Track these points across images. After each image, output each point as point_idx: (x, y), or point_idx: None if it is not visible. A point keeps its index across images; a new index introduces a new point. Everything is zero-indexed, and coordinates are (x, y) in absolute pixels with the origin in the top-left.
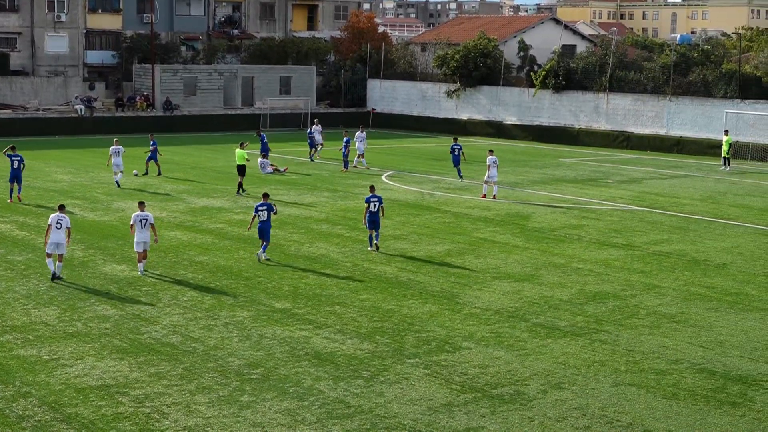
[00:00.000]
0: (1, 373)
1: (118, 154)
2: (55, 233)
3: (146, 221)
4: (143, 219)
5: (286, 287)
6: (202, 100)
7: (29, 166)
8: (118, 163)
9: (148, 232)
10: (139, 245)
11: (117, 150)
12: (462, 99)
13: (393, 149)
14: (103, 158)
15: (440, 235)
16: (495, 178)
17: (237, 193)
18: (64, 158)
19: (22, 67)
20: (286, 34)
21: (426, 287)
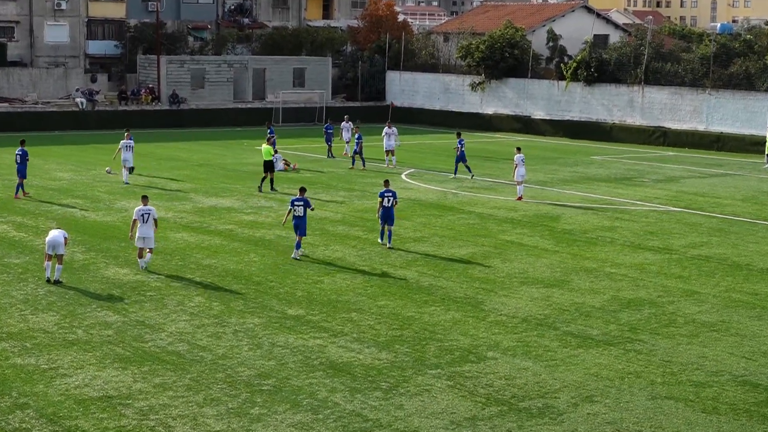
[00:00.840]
0: None
1: (129, 149)
2: (142, 227)
3: (149, 215)
4: (146, 213)
5: (299, 292)
6: (211, 93)
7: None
8: (127, 158)
9: (150, 228)
10: (140, 240)
11: (128, 144)
12: (487, 92)
13: (413, 146)
14: (107, 154)
15: (464, 237)
16: (523, 177)
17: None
18: (65, 155)
19: (20, 57)
20: (300, 23)
21: (449, 293)
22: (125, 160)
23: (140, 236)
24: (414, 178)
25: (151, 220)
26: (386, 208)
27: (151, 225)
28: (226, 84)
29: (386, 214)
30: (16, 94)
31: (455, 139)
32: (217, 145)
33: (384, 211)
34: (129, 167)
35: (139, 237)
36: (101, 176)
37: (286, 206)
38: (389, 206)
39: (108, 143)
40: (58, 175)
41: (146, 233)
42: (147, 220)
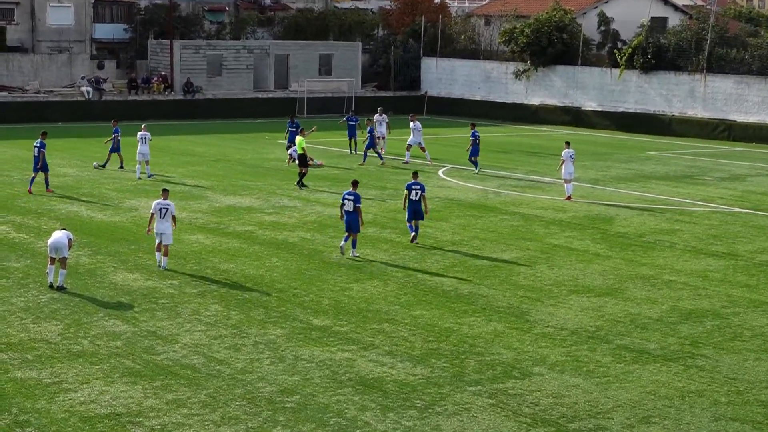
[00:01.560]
0: None
1: (145, 141)
2: (159, 222)
3: (167, 210)
4: (164, 208)
5: (326, 301)
6: (229, 81)
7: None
8: (144, 151)
9: (168, 223)
10: (158, 236)
11: (144, 136)
12: (533, 81)
13: (451, 140)
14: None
15: (507, 240)
16: (572, 175)
17: (299, 185)
18: (69, 148)
19: (20, 42)
20: (326, 5)
21: (490, 302)
22: (141, 154)
23: (158, 232)
24: (452, 175)
25: (170, 215)
26: (413, 202)
27: (169, 220)
28: (246, 71)
29: (413, 208)
30: (16, 83)
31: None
32: (235, 138)
33: (411, 205)
34: (146, 161)
35: (156, 233)
36: (109, 173)
37: (310, 206)
38: (416, 200)
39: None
40: (62, 171)
41: (164, 229)
42: (165, 215)
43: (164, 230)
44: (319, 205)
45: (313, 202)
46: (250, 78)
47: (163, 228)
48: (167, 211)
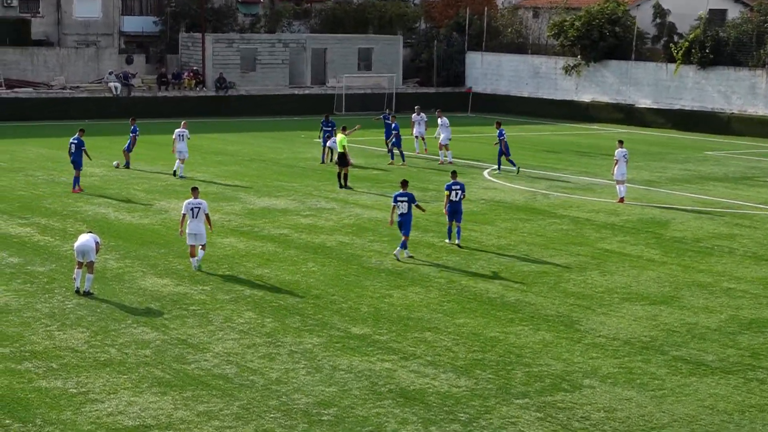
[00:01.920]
0: (19, 408)
1: (183, 139)
2: (192, 222)
3: (199, 209)
4: (196, 207)
5: (365, 308)
6: (263, 76)
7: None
8: (182, 149)
9: (201, 223)
10: (191, 237)
11: (182, 134)
12: (584, 76)
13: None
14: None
15: (556, 245)
16: (625, 176)
17: (340, 187)
18: (96, 147)
19: (45, 36)
20: None
21: (538, 310)
22: (179, 152)
23: (191, 232)
24: (498, 176)
25: (202, 214)
26: (454, 203)
27: (202, 219)
28: (281, 66)
29: (454, 209)
30: (41, 78)
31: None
32: (270, 137)
33: (451, 206)
34: (182, 159)
35: (189, 233)
36: (137, 172)
37: (348, 208)
38: (457, 200)
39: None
40: (89, 170)
41: (197, 229)
42: (197, 215)
43: (198, 230)
44: (358, 207)
45: (351, 204)
46: (285, 73)
47: (196, 228)
48: (200, 210)
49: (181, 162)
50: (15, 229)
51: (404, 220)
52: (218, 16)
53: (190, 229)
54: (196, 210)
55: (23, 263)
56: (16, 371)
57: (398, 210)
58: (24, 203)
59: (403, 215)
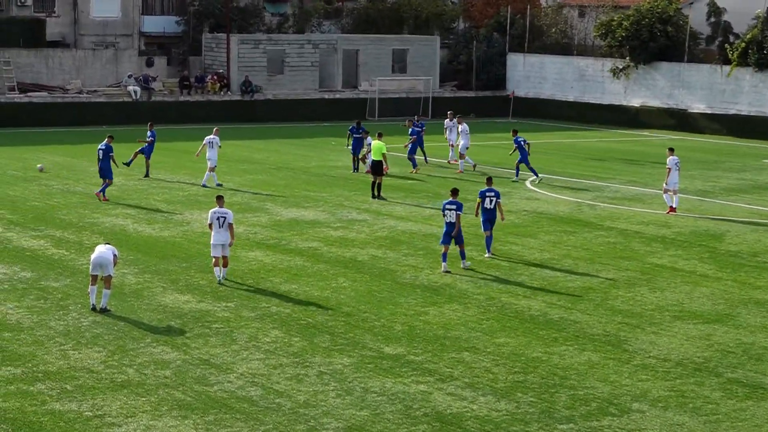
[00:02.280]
0: None
1: (214, 146)
2: (217, 232)
3: (225, 219)
4: (222, 217)
5: (398, 326)
6: (292, 80)
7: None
8: (212, 157)
9: (227, 233)
10: (216, 248)
11: (213, 141)
12: (633, 79)
13: (540, 146)
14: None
15: (603, 259)
16: (677, 185)
17: (373, 197)
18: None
19: (61, 36)
20: None
21: (584, 329)
22: (210, 159)
23: (216, 243)
24: (541, 185)
25: (227, 224)
26: (488, 210)
27: (227, 229)
28: (310, 69)
29: (488, 217)
30: (56, 81)
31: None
32: (298, 144)
33: (485, 214)
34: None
35: (214, 244)
36: (158, 182)
37: (381, 220)
38: (491, 207)
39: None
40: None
41: (223, 239)
42: (223, 224)
43: (224, 241)
44: (392, 219)
45: (384, 216)
46: (315, 76)
47: (222, 238)
48: (225, 220)
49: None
50: (28, 241)
51: (452, 230)
52: (244, 15)
53: (215, 239)
54: (221, 219)
55: (36, 278)
56: (28, 393)
57: (445, 219)
58: (38, 214)
59: (451, 225)
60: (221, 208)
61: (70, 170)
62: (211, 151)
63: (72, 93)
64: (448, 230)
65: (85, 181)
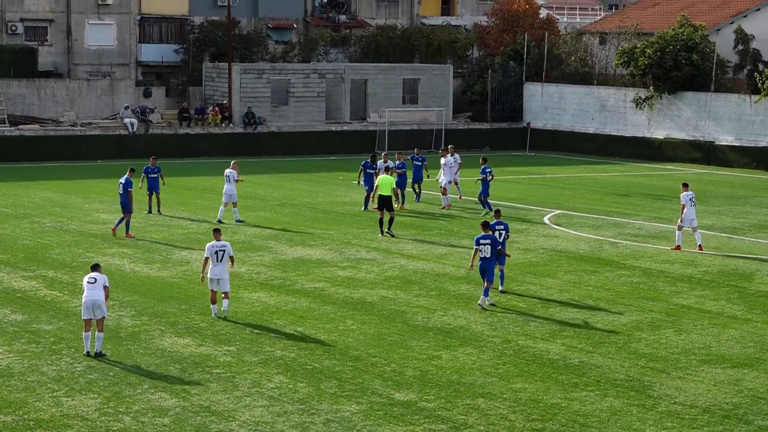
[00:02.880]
0: None
1: (230, 180)
2: (215, 266)
3: (223, 253)
4: (220, 250)
5: (410, 371)
6: (297, 111)
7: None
8: (230, 192)
9: (225, 267)
10: (213, 282)
11: (230, 175)
12: (657, 110)
13: (558, 180)
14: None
15: (626, 300)
16: (694, 222)
17: (382, 233)
18: (110, 191)
19: (54, 66)
20: (412, 21)
21: (605, 373)
22: (227, 194)
23: (213, 278)
24: (560, 222)
25: (227, 257)
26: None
27: (227, 264)
28: (317, 100)
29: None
30: (48, 113)
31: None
32: (304, 179)
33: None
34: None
35: (211, 279)
36: (156, 219)
37: (391, 259)
38: (500, 241)
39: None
40: (101, 217)
41: (221, 274)
42: (222, 258)
43: (221, 275)
44: (402, 258)
45: (394, 254)
46: (321, 107)
47: (220, 273)
48: (224, 254)
49: (231, 205)
50: (19, 282)
51: (487, 266)
52: (246, 43)
53: (212, 274)
54: (220, 253)
55: (28, 321)
56: None
57: (480, 254)
58: (29, 254)
59: (486, 259)
60: (219, 241)
61: (64, 207)
62: (228, 185)
63: (65, 125)
64: (483, 266)
65: (79, 218)
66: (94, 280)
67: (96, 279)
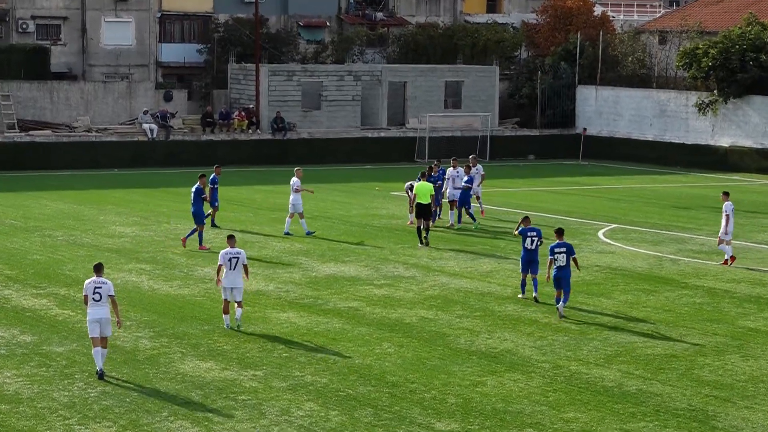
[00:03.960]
0: None
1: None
2: (229, 274)
3: (237, 260)
4: (234, 257)
5: (452, 399)
6: (330, 116)
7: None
8: (295, 202)
9: (240, 275)
10: (226, 291)
11: (293, 183)
12: (721, 115)
13: (614, 191)
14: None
15: (687, 322)
16: (729, 236)
17: (421, 244)
18: (127, 202)
19: (68, 67)
20: (454, 19)
21: (665, 402)
22: (293, 205)
23: (227, 286)
24: (616, 237)
25: (240, 265)
26: (529, 251)
27: (241, 272)
28: (351, 104)
29: (529, 258)
30: (62, 118)
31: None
32: (337, 189)
33: (527, 255)
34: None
35: (225, 287)
36: (177, 231)
37: (432, 276)
38: (533, 248)
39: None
40: (118, 230)
41: (234, 282)
42: (235, 266)
43: (235, 284)
44: (444, 275)
45: (435, 272)
46: (356, 112)
47: (233, 281)
48: (237, 261)
49: (292, 217)
50: (28, 300)
51: (563, 276)
52: (276, 43)
53: (226, 282)
54: (234, 261)
55: (38, 342)
56: None
57: (555, 263)
58: (39, 269)
59: (562, 269)
60: (233, 248)
61: (77, 219)
62: (295, 194)
63: (80, 131)
64: (558, 275)
65: (94, 231)
66: (99, 297)
67: (101, 295)
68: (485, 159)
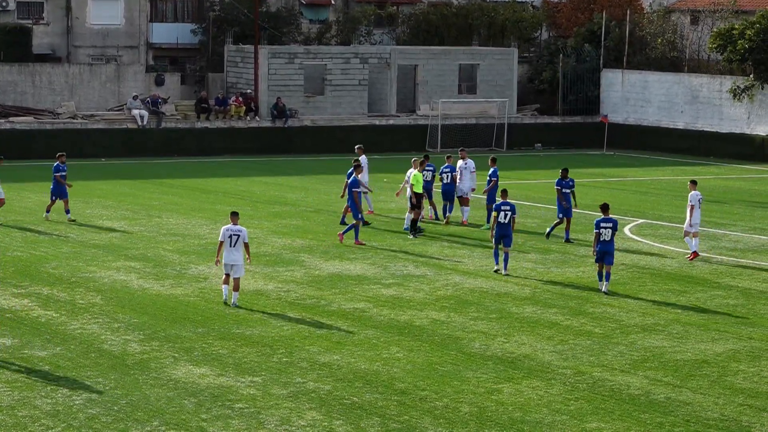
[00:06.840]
0: None
1: None
2: (229, 252)
3: (238, 238)
4: (235, 234)
5: (465, 407)
6: (334, 102)
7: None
8: None
9: (240, 253)
10: (227, 267)
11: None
12: (758, 102)
13: (641, 184)
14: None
15: (720, 325)
16: (696, 227)
17: (413, 235)
18: (115, 194)
19: (51, 49)
20: None
21: (696, 412)
22: None
23: (227, 263)
24: (643, 233)
25: (241, 243)
26: (502, 225)
27: (241, 249)
28: (357, 89)
29: (502, 232)
30: (44, 104)
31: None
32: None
33: (500, 229)
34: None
35: (225, 263)
36: (169, 228)
37: (444, 275)
38: (506, 222)
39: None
40: (106, 224)
41: (235, 259)
42: (235, 243)
43: (235, 261)
44: (457, 274)
45: (448, 270)
46: (363, 97)
47: (233, 258)
48: (238, 239)
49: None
50: (9, 300)
51: (608, 249)
52: (276, 23)
53: (226, 258)
54: (234, 238)
55: (18, 346)
56: None
57: (600, 237)
58: (20, 267)
59: (606, 243)
60: (235, 225)
61: (61, 213)
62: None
63: (64, 118)
64: (602, 248)
65: (79, 226)
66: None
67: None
68: (502, 149)
